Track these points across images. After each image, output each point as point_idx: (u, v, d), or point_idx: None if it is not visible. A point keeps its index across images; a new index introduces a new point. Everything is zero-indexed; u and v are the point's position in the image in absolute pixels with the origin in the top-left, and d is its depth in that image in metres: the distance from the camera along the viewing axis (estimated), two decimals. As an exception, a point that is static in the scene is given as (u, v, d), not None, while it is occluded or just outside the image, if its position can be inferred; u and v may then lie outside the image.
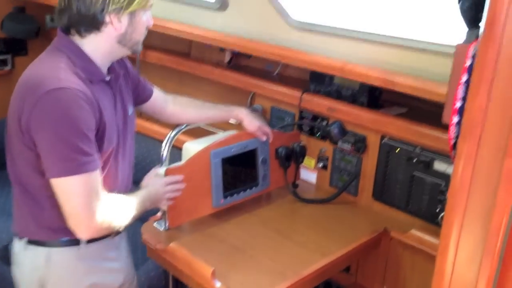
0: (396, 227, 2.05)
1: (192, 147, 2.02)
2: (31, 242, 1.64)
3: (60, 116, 1.42)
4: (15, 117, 1.50)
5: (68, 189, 1.47)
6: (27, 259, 1.65)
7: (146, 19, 1.62)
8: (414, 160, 2.04)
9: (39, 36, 3.40)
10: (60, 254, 1.65)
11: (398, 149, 2.09)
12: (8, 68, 3.40)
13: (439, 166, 1.97)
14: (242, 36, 2.33)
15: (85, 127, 1.45)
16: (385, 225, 2.08)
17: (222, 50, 2.72)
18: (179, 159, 2.05)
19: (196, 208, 1.98)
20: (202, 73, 2.72)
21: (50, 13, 3.35)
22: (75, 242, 1.63)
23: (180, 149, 2.11)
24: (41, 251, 1.63)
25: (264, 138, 2.13)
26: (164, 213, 1.93)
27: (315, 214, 2.16)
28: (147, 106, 2.00)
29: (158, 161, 2.10)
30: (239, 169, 2.10)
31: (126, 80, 1.80)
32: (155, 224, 2.00)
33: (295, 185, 2.34)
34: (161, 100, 2.06)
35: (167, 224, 1.92)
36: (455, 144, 1.12)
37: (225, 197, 2.05)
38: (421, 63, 1.83)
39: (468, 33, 1.14)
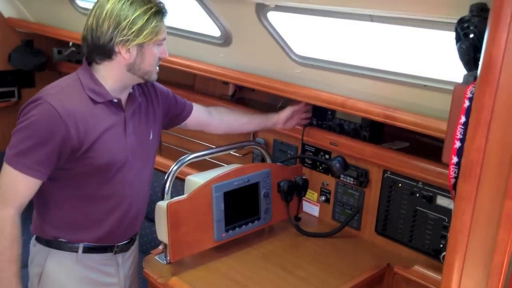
0: (399, 263, 2.03)
1: (194, 181, 2.02)
2: (38, 239, 1.79)
3: (27, 121, 1.59)
4: None
5: (1, 172, 1.64)
6: (33, 254, 1.80)
7: (157, 51, 1.71)
8: (417, 195, 2.04)
9: (46, 69, 3.46)
10: (59, 257, 1.77)
11: (400, 184, 2.08)
12: (14, 99, 3.45)
13: (441, 201, 1.96)
14: (245, 70, 2.36)
15: (44, 138, 1.58)
16: (388, 260, 2.06)
17: (225, 83, 2.75)
18: (183, 190, 2.05)
19: (198, 242, 1.97)
20: (206, 105, 2.74)
21: (58, 46, 3.41)
22: (74, 248, 1.77)
23: (184, 180, 2.12)
24: (43, 250, 1.78)
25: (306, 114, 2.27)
26: (165, 246, 1.93)
27: (317, 248, 2.15)
28: (191, 122, 2.12)
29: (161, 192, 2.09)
30: (241, 203, 2.10)
31: (153, 106, 1.90)
32: (156, 258, 2.00)
33: (297, 219, 2.33)
34: (204, 113, 2.17)
35: (168, 258, 1.91)
36: (455, 184, 1.12)
37: (227, 231, 2.04)
38: (422, 100, 1.84)
39: (466, 74, 1.15)
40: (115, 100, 1.72)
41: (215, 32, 2.33)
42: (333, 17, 1.84)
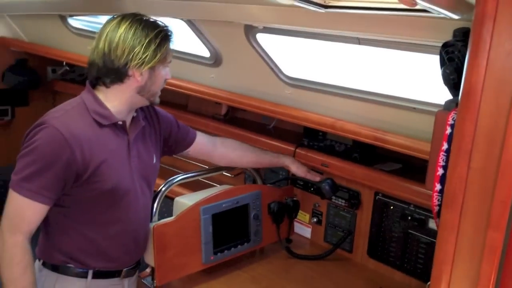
0: (391, 287, 2.00)
1: (182, 202, 2.00)
2: (45, 264, 1.75)
3: (32, 146, 1.58)
4: None
5: (7, 198, 1.62)
6: (40, 280, 1.74)
7: (164, 73, 1.75)
8: (409, 218, 2.01)
9: (40, 88, 3.45)
10: (67, 283, 1.74)
11: (392, 206, 2.06)
12: (8, 118, 3.44)
13: (434, 225, 1.93)
14: (236, 90, 2.36)
15: (49, 162, 1.57)
16: (381, 284, 2.03)
17: (218, 103, 2.75)
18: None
19: (185, 265, 1.94)
20: (198, 125, 2.73)
21: (51, 65, 3.41)
22: (83, 274, 1.74)
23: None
24: (51, 275, 1.74)
25: (317, 179, 2.17)
26: (152, 269, 1.90)
27: (308, 271, 2.11)
28: (193, 150, 2.09)
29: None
30: (230, 225, 2.07)
31: (155, 130, 1.90)
32: (143, 281, 1.97)
33: (288, 240, 2.30)
34: (207, 143, 2.13)
35: (155, 282, 1.88)
36: (439, 212, 1.10)
37: (216, 253, 2.01)
38: (412, 122, 1.83)
39: (447, 100, 1.13)
40: (120, 123, 1.72)
41: (205, 53, 2.32)
42: (321, 39, 1.84)
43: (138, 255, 1.87)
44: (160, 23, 1.71)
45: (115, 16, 1.68)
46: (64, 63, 3.30)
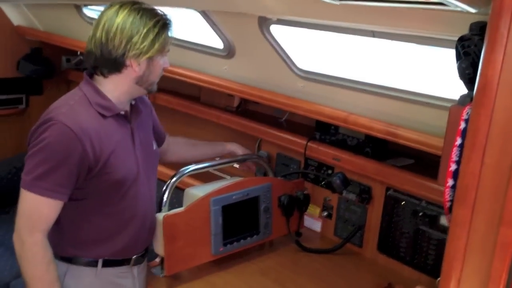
0: (401, 282, 1.98)
1: (193, 193, 2.00)
2: (56, 256, 1.73)
3: (42, 144, 1.56)
4: None
5: (20, 199, 1.61)
6: None
7: (162, 62, 1.72)
8: (420, 214, 1.99)
9: (54, 77, 3.47)
10: (78, 273, 1.75)
11: (404, 202, 2.04)
12: (22, 106, 3.47)
13: (445, 221, 1.91)
14: (248, 83, 2.35)
15: (62, 159, 1.56)
16: (390, 279, 2.01)
17: (231, 95, 2.74)
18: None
19: (194, 255, 1.94)
20: (210, 117, 2.74)
21: (66, 55, 3.43)
22: (93, 263, 1.75)
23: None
24: (61, 265, 1.73)
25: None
26: (161, 259, 1.91)
27: (317, 265, 2.11)
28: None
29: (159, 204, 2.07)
30: (240, 217, 2.07)
31: (149, 118, 1.91)
32: (153, 270, 1.98)
33: (298, 234, 2.29)
34: (164, 144, 2.13)
35: (164, 271, 1.89)
36: (451, 208, 1.08)
37: (225, 245, 2.01)
38: (426, 117, 1.81)
39: (462, 95, 1.12)
40: (122, 113, 1.71)
41: (219, 44, 2.32)
42: (335, 32, 1.82)
43: (147, 242, 1.88)
44: (159, 11, 1.67)
45: (113, 4, 1.64)
46: (79, 52, 3.32)
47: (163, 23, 1.65)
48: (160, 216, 1.85)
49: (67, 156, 1.56)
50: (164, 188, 1.97)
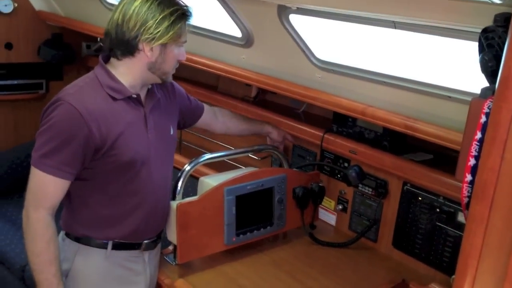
0: (415, 279, 1.96)
1: (207, 182, 2.00)
2: (67, 235, 1.80)
3: (49, 123, 1.60)
4: None
5: (30, 176, 1.65)
6: (62, 249, 1.77)
7: (177, 53, 1.73)
8: (437, 210, 1.96)
9: (75, 63, 3.50)
10: (88, 253, 1.77)
11: (420, 197, 2.00)
12: (42, 91, 3.50)
13: (463, 218, 1.87)
14: (267, 72, 2.32)
15: (67, 138, 1.59)
16: (404, 275, 1.99)
17: (248, 85, 2.72)
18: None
19: (207, 244, 1.94)
20: (227, 106, 2.72)
21: (86, 41, 3.44)
22: (103, 245, 1.77)
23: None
24: (72, 245, 1.78)
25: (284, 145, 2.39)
26: (174, 247, 1.91)
27: (331, 258, 2.09)
28: (201, 121, 2.19)
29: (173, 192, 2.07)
30: (254, 207, 2.06)
31: (171, 103, 1.92)
32: (165, 258, 1.99)
33: (312, 226, 2.28)
34: (210, 114, 2.24)
35: (177, 259, 1.90)
36: (468, 204, 1.05)
37: (238, 235, 2.01)
38: (446, 111, 1.77)
39: (484, 87, 1.08)
40: (134, 96, 1.73)
41: (237, 33, 2.30)
42: (356, 22, 1.78)
43: (158, 227, 1.88)
44: (179, 1, 1.69)
45: None
46: (99, 39, 3.33)
47: (181, 13, 1.67)
48: (173, 204, 1.85)
49: (72, 135, 1.59)
50: (179, 176, 1.96)
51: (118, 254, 1.79)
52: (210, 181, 1.99)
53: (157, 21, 1.62)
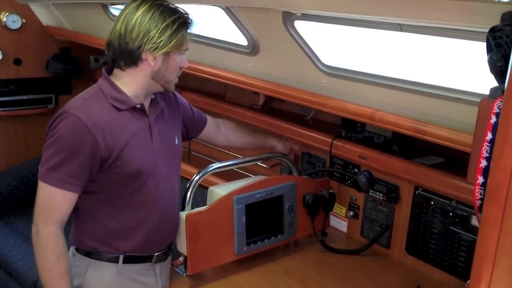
0: (430, 285, 1.93)
1: (216, 192, 1.98)
2: (78, 250, 1.79)
3: (55, 136, 1.60)
4: None
5: (37, 190, 1.65)
6: (73, 265, 1.77)
7: (180, 61, 1.74)
8: (450, 214, 1.93)
9: (83, 76, 3.52)
10: (99, 268, 1.76)
11: (433, 201, 1.97)
12: (52, 106, 3.52)
13: (476, 222, 1.84)
14: (273, 80, 2.32)
15: (73, 150, 1.59)
16: (418, 282, 1.96)
17: (256, 93, 2.72)
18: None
19: (218, 255, 1.93)
20: (235, 115, 2.72)
21: (94, 54, 3.46)
22: (114, 259, 1.76)
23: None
24: (83, 260, 1.78)
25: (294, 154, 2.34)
26: (185, 258, 1.90)
27: (343, 265, 2.06)
28: (203, 133, 2.17)
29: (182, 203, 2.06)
30: (264, 216, 2.04)
31: (174, 113, 1.92)
32: (176, 269, 1.97)
33: (324, 234, 2.25)
34: (213, 126, 2.21)
35: (187, 270, 1.88)
36: (481, 207, 1.03)
37: (248, 244, 1.99)
38: (456, 113, 1.74)
39: (493, 87, 1.06)
40: (138, 106, 1.73)
41: (243, 41, 2.29)
42: (361, 27, 1.77)
43: (168, 238, 1.87)
44: (180, 9, 1.69)
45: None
46: (106, 51, 3.34)
47: (183, 21, 1.67)
48: (183, 214, 1.84)
49: (78, 147, 1.59)
50: (188, 186, 1.95)
51: (130, 268, 1.78)
52: (219, 190, 1.98)
53: (159, 30, 1.62)
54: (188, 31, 1.71)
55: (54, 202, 1.64)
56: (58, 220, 1.64)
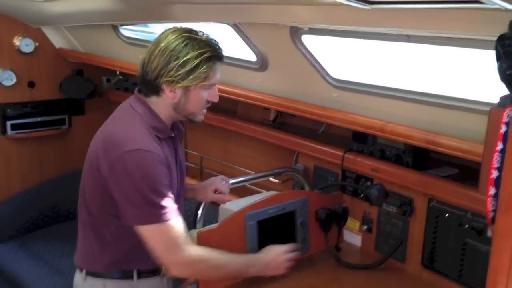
0: (448, 300, 1.88)
1: (227, 209, 1.98)
2: (90, 273, 1.77)
3: (137, 175, 1.55)
4: (93, 169, 1.65)
5: (146, 235, 1.60)
6: None
7: (206, 95, 1.68)
8: (466, 226, 1.89)
9: (95, 97, 3.56)
10: (115, 285, 1.76)
11: (448, 214, 1.94)
12: (65, 127, 3.56)
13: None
14: (283, 95, 2.32)
15: (158, 183, 1.58)
16: (435, 297, 1.91)
17: (266, 108, 2.72)
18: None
19: (230, 273, 1.90)
20: (247, 131, 2.72)
21: (106, 75, 3.50)
22: (128, 275, 1.76)
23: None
24: (97, 282, 1.76)
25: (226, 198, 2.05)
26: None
27: (358, 281, 2.03)
28: None
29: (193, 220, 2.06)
30: (276, 232, 2.02)
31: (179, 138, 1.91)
32: (188, 288, 1.95)
33: (338, 249, 2.22)
34: None
35: (199, 290, 1.86)
36: (494, 218, 1.00)
37: (261, 261, 1.96)
38: (467, 123, 1.72)
39: (502, 96, 1.04)
40: (173, 135, 1.74)
41: (252, 57, 2.30)
42: (368, 39, 1.76)
43: None
44: (212, 43, 1.62)
45: (171, 28, 1.65)
46: (118, 72, 3.39)
47: (209, 56, 1.60)
48: (194, 232, 1.83)
49: (163, 176, 1.59)
50: (198, 203, 1.95)
51: (142, 281, 1.78)
52: (231, 207, 1.97)
53: (178, 64, 1.57)
54: (215, 66, 1.63)
55: (179, 230, 1.61)
56: (183, 241, 1.62)
